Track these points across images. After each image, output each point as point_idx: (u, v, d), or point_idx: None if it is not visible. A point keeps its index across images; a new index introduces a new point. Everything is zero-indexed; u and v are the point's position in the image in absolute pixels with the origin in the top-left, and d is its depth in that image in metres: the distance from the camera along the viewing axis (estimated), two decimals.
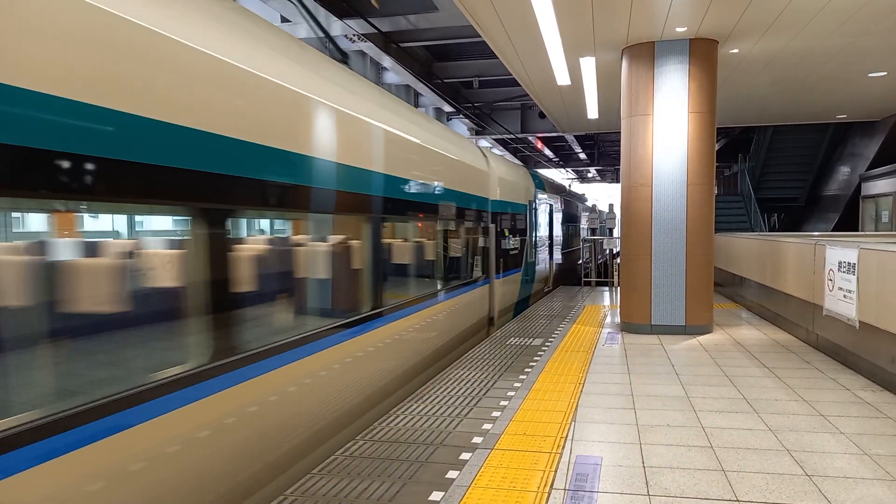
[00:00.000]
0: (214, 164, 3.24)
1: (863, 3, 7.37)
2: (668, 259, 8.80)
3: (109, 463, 2.63)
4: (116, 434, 2.65)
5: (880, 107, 14.71)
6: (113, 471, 2.65)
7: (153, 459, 2.88)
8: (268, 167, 3.73)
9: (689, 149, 8.65)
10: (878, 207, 17.02)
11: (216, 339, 3.32)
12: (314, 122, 4.35)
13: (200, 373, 3.18)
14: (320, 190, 4.47)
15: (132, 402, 2.73)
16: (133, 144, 2.72)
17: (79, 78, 2.46)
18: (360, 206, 5.17)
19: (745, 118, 16.63)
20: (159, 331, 3.21)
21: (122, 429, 2.68)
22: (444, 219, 7.76)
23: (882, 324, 5.83)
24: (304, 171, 4.22)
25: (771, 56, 9.72)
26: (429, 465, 4.10)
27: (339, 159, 4.74)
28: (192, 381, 3.11)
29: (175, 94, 2.98)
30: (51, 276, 2.87)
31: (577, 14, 7.64)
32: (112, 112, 2.61)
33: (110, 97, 2.60)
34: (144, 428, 2.80)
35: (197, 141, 3.11)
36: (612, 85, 10.96)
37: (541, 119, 21.71)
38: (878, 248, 6.02)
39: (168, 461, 2.97)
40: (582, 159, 35.42)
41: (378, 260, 5.53)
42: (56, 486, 2.38)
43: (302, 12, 7.04)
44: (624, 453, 4.30)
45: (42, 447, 2.32)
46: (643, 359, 7.30)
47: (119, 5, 2.68)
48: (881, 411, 5.20)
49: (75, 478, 2.46)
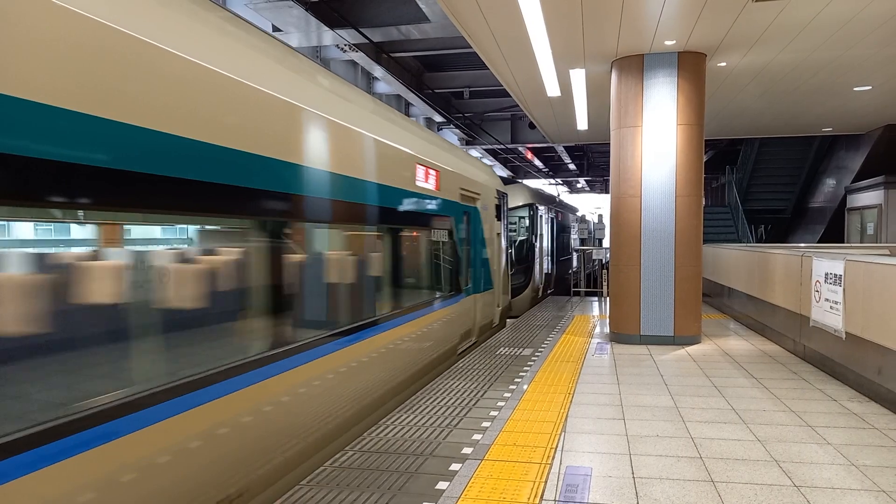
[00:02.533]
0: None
1: (848, 19, 7.49)
2: (656, 270, 8.85)
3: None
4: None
5: (865, 120, 14.92)
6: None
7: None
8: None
9: (677, 160, 8.73)
10: (864, 219, 17.20)
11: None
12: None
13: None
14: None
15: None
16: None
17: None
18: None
19: (732, 130, 16.80)
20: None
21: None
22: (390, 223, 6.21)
23: (868, 335, 5.88)
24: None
25: (758, 70, 9.84)
26: (419, 475, 4.08)
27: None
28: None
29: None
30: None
31: (568, 26, 7.71)
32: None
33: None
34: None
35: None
36: (602, 96, 11.05)
37: (531, 130, 21.81)
38: (864, 260, 6.08)
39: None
40: (571, 170, 35.62)
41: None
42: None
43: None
44: (614, 464, 4.30)
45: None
46: (632, 369, 7.32)
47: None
48: (868, 422, 5.24)
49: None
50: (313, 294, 4.77)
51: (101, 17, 2.66)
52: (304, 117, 4.39)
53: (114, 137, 2.70)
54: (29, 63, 2.32)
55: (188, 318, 3.50)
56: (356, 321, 5.25)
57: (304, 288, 4.56)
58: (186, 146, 3.14)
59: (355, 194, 5.27)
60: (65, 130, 2.47)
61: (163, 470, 3.03)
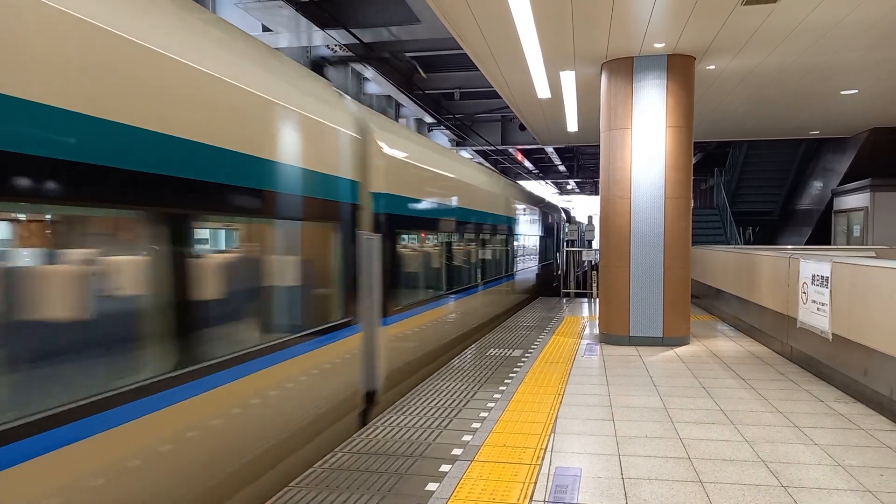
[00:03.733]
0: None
1: (834, 24, 7.57)
2: (646, 271, 8.89)
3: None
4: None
5: (852, 123, 15.08)
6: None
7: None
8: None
9: (666, 162, 8.78)
10: (850, 222, 17.38)
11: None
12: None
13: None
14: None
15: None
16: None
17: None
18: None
19: (721, 133, 16.93)
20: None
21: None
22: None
23: (854, 336, 5.94)
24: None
25: (746, 73, 9.92)
26: (409, 477, 4.08)
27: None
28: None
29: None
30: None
31: (558, 29, 7.74)
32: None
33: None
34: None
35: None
36: (592, 98, 11.10)
37: (521, 131, 21.86)
38: (851, 262, 6.14)
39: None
40: (561, 171, 35.73)
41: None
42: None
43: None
44: (603, 465, 4.32)
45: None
46: (622, 370, 7.35)
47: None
48: (854, 423, 5.29)
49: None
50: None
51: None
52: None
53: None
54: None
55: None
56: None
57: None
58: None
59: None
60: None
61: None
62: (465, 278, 10.07)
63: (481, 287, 11.15)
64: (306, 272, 5.07)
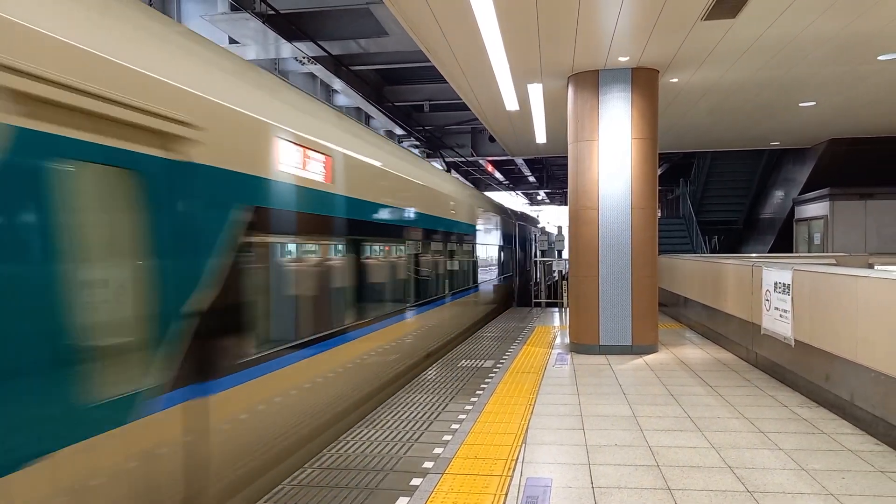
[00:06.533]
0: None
1: (790, 40, 7.81)
2: (614, 280, 9.00)
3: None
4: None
5: (811, 135, 15.53)
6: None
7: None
8: None
9: (632, 173, 8.92)
10: (811, 230, 17.85)
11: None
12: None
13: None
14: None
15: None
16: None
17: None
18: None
19: (685, 144, 17.27)
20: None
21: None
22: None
23: (816, 342, 6.09)
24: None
25: (708, 86, 10.15)
26: (379, 491, 4.04)
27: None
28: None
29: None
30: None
31: (525, 42, 7.84)
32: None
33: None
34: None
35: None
36: (560, 111, 11.24)
37: (491, 143, 22.01)
38: (811, 270, 6.31)
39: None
40: (531, 182, 36.03)
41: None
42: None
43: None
44: (573, 474, 4.34)
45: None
46: (592, 379, 7.41)
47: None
48: (817, 427, 5.41)
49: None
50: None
51: None
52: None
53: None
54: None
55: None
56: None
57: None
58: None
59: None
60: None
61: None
62: (392, 294, 7.68)
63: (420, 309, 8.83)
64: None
